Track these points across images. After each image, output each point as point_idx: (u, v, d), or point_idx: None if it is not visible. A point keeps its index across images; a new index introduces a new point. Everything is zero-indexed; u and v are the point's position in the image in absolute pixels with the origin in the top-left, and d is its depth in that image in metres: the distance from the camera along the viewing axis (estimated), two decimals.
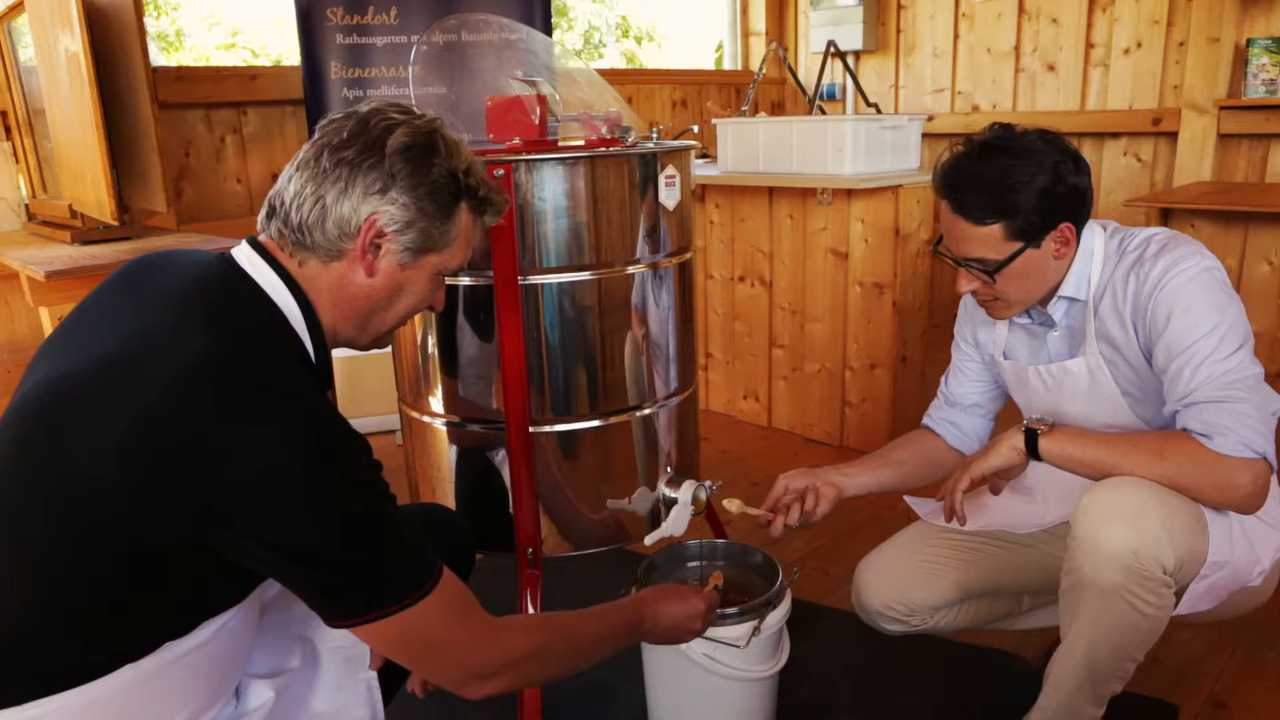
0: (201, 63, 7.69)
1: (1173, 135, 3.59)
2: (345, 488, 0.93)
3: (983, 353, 1.64)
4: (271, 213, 1.05)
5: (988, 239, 1.36)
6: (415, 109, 1.09)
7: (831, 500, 1.57)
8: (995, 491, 1.47)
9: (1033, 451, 1.36)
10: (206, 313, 0.96)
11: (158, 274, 1.02)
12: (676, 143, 1.73)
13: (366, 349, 1.16)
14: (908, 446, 1.70)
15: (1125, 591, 1.26)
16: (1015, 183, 1.33)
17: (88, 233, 2.53)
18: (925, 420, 1.73)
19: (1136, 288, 1.36)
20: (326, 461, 0.92)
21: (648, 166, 1.62)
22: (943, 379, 1.72)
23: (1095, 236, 1.42)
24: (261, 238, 1.06)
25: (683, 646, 1.47)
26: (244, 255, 1.04)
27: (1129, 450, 1.30)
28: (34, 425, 0.92)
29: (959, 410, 1.68)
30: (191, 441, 0.87)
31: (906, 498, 1.72)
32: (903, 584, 1.58)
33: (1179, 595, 1.31)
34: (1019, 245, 1.36)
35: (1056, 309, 1.46)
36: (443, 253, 1.09)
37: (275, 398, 0.91)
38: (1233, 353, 1.28)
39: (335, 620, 0.98)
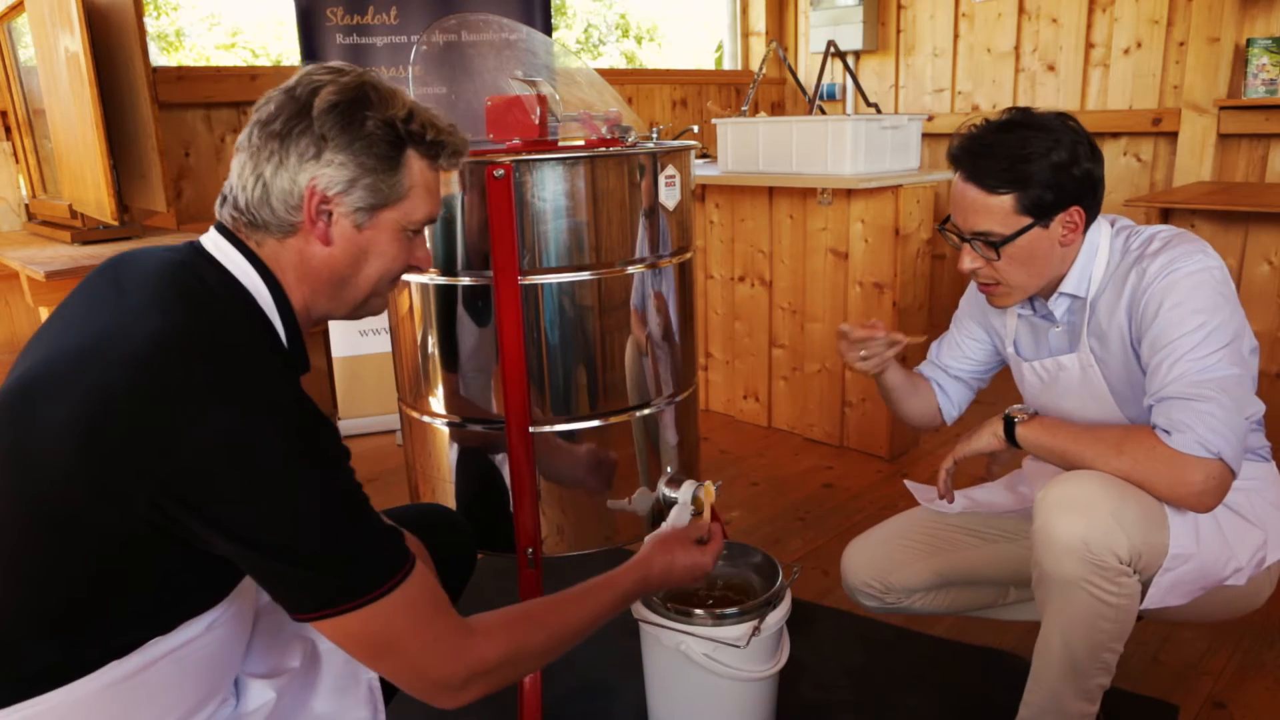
0: (201, 63, 7.70)
1: (1173, 135, 3.59)
2: (304, 468, 0.90)
3: (993, 336, 1.67)
4: (223, 200, 1.04)
5: (997, 211, 1.37)
6: (346, 67, 1.04)
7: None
8: (991, 477, 1.55)
9: (1011, 438, 1.42)
10: (169, 296, 0.94)
11: (130, 268, 1.02)
12: (676, 143, 1.73)
13: (351, 319, 1.13)
14: (922, 380, 1.75)
15: (1084, 582, 1.28)
16: (1032, 153, 1.34)
17: (88, 233, 2.53)
18: (921, 369, 1.77)
19: (1136, 282, 1.37)
20: (285, 441, 0.89)
21: (648, 166, 1.62)
22: (935, 343, 1.76)
23: (1101, 233, 1.43)
24: (226, 221, 1.04)
25: (682, 647, 1.48)
26: (211, 241, 1.03)
27: (1093, 442, 1.34)
28: (2, 420, 0.91)
29: (945, 375, 1.73)
30: (143, 417, 0.85)
31: (907, 483, 1.80)
32: (882, 564, 1.65)
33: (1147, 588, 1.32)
34: (1028, 220, 1.36)
35: (1058, 306, 1.46)
36: (399, 206, 1.04)
37: (232, 375, 0.89)
38: (1213, 352, 1.28)
39: (297, 613, 0.93)
